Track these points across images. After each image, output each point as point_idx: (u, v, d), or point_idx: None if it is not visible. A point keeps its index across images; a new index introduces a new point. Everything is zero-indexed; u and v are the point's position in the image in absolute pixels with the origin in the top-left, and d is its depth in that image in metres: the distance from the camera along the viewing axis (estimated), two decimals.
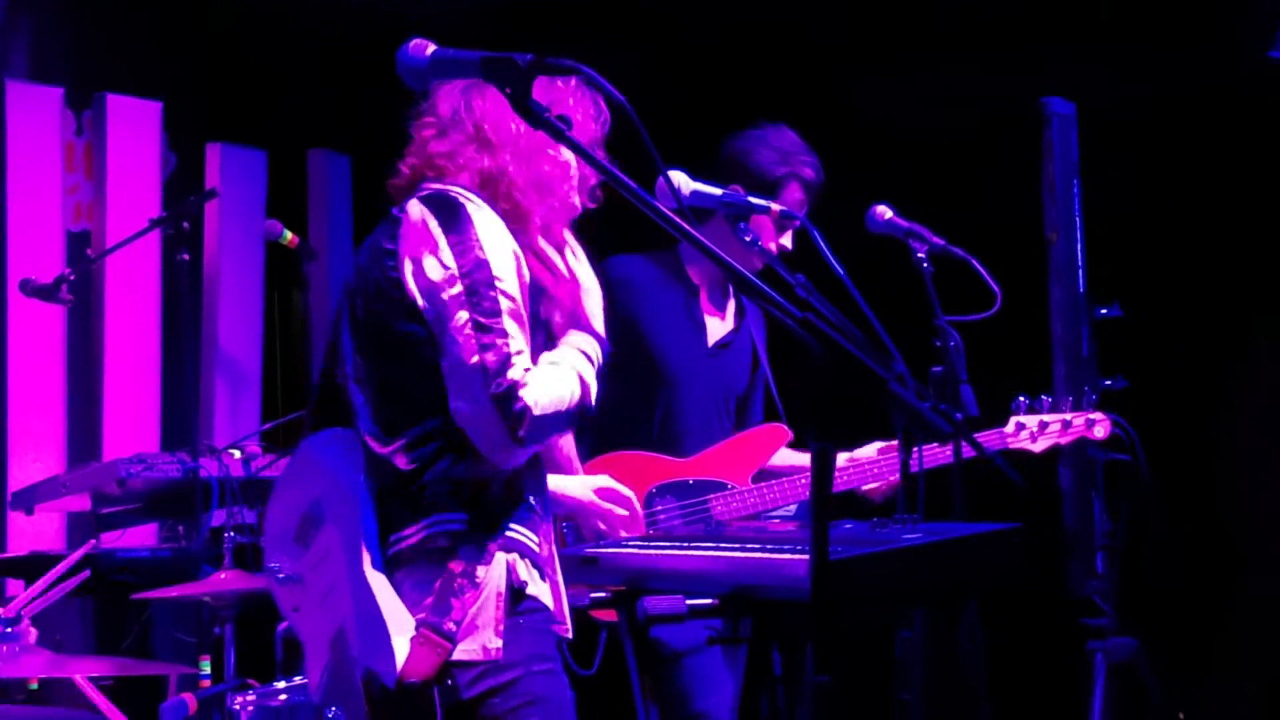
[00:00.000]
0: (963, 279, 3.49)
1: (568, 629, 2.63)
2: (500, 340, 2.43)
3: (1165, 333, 4.71)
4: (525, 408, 2.42)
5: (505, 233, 2.54)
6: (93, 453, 5.57)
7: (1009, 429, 3.53)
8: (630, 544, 2.87)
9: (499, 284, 2.46)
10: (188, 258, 4.62)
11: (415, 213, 2.54)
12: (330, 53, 5.98)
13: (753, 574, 2.58)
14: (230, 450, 4.72)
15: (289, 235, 4.88)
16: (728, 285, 3.75)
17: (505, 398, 2.41)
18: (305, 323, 6.32)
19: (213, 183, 5.94)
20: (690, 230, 2.14)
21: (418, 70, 2.24)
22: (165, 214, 4.77)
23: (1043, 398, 3.50)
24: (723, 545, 2.71)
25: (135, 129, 5.78)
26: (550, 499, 2.65)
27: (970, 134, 4.99)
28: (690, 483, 3.41)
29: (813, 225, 3.31)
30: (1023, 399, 3.51)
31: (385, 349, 2.53)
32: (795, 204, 3.61)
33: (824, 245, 3.18)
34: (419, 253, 2.49)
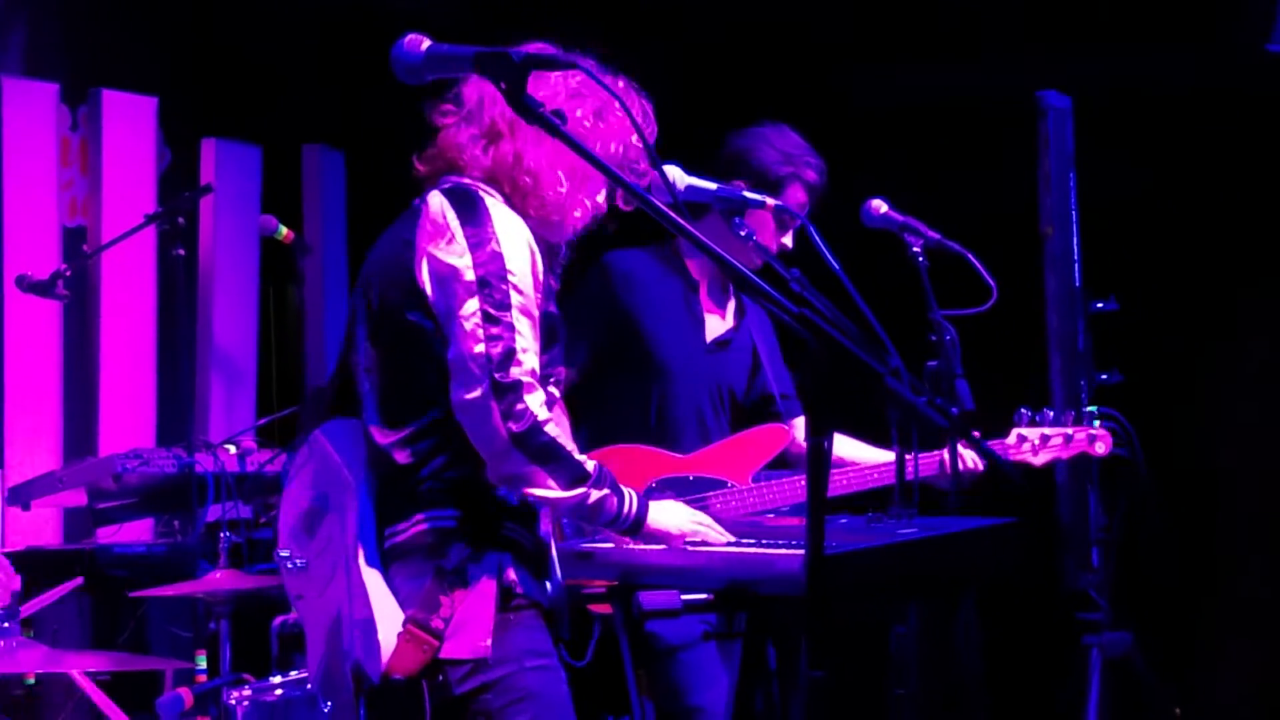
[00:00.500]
0: (958, 273, 3.49)
1: (564, 628, 2.62)
2: (507, 334, 2.42)
3: (1161, 326, 4.71)
4: (527, 410, 2.41)
5: (523, 228, 2.53)
6: (89, 448, 5.57)
7: (1010, 440, 3.52)
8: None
9: (512, 278, 2.46)
10: (183, 253, 4.61)
11: (435, 204, 2.54)
12: (325, 49, 5.98)
13: (748, 569, 2.59)
14: (226, 445, 4.72)
15: (284, 230, 4.87)
16: (729, 283, 3.74)
17: (505, 390, 2.40)
18: (300, 318, 6.33)
19: (208, 178, 5.94)
20: (686, 225, 2.14)
21: (413, 66, 2.23)
22: (161, 209, 4.77)
23: (1045, 410, 3.49)
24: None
25: (131, 124, 5.77)
26: (649, 533, 2.59)
27: (966, 128, 4.99)
28: (690, 479, 3.41)
29: (808, 220, 3.31)
30: (1025, 411, 3.50)
31: (394, 339, 2.53)
32: (797, 205, 3.60)
33: (819, 240, 3.18)
34: (434, 243, 2.50)
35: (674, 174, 2.86)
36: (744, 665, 3.41)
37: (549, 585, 2.58)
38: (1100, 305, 4.05)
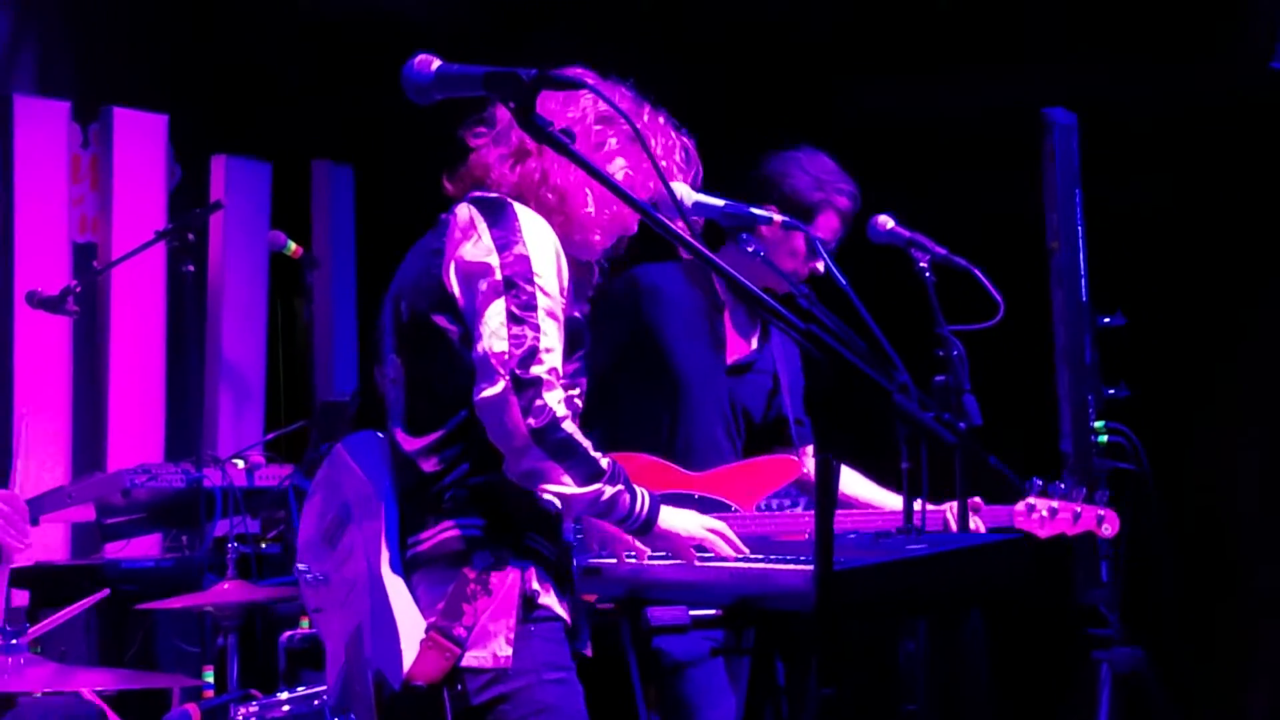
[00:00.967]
0: (965, 288, 3.49)
1: (585, 645, 2.61)
2: (532, 333, 2.43)
3: (1168, 341, 4.71)
4: (546, 406, 2.41)
5: (550, 233, 2.54)
6: (98, 463, 5.58)
7: (1020, 508, 3.50)
8: (632, 554, 2.87)
9: (538, 280, 2.47)
10: (193, 269, 4.63)
11: (463, 213, 2.56)
12: (334, 65, 6.00)
13: (756, 585, 2.59)
14: (234, 460, 4.73)
15: (293, 246, 4.89)
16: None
17: (525, 385, 2.40)
18: (309, 333, 6.34)
19: (217, 194, 5.95)
20: (696, 244, 2.15)
21: (422, 86, 2.25)
22: (170, 226, 4.79)
23: (1057, 483, 3.47)
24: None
25: (141, 142, 5.80)
26: (657, 534, 2.59)
27: (973, 143, 5.00)
28: (695, 497, 3.41)
29: (817, 238, 3.32)
30: (1038, 480, 3.49)
31: (421, 345, 2.55)
32: (830, 231, 3.60)
33: (826, 255, 3.19)
34: (462, 245, 2.52)
35: (681, 190, 2.87)
36: (752, 681, 3.41)
37: (570, 598, 2.58)
38: (1107, 320, 4.05)
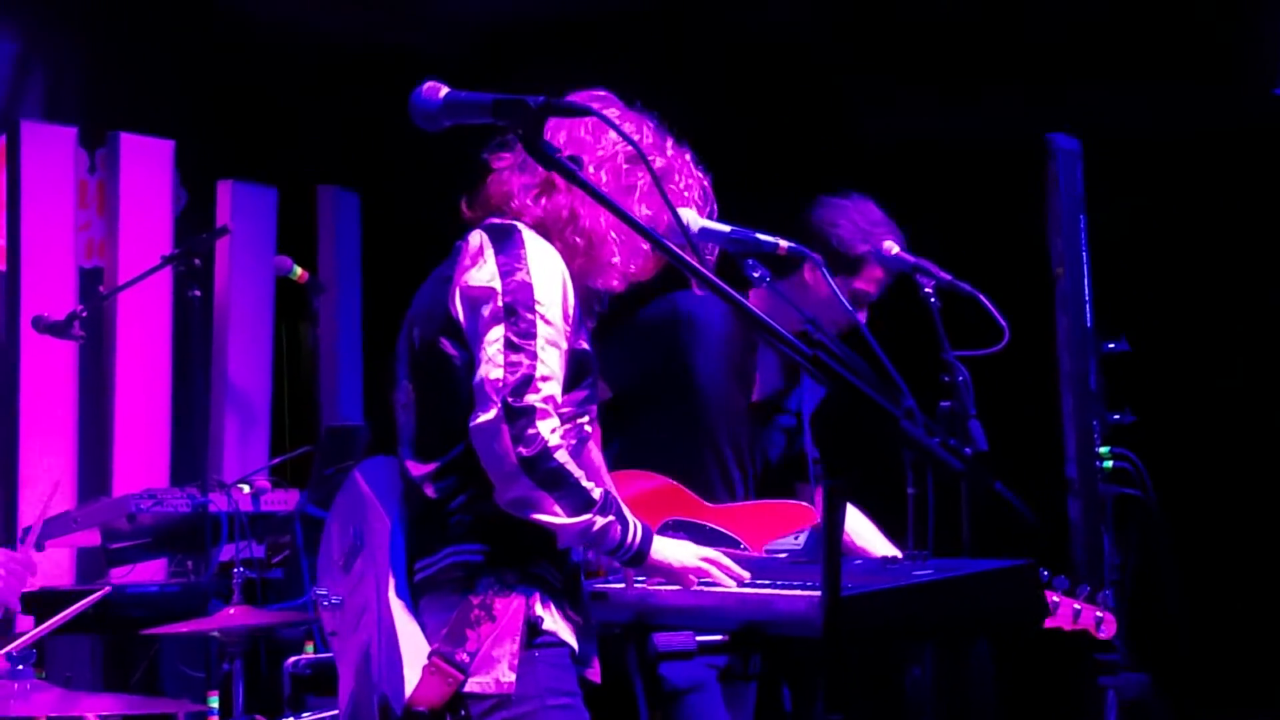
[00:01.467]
0: (970, 314, 3.49)
1: (593, 670, 2.60)
2: (528, 361, 2.43)
3: (1173, 366, 4.71)
4: (538, 435, 2.40)
5: (557, 260, 2.54)
6: (103, 488, 5.58)
7: None
8: (638, 580, 2.87)
9: (539, 308, 2.47)
10: (199, 294, 4.64)
11: (474, 239, 2.57)
12: (340, 91, 6.03)
13: (763, 610, 2.59)
14: (239, 485, 4.73)
15: (299, 271, 4.90)
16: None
17: (517, 414, 2.40)
18: (315, 358, 6.35)
19: (224, 219, 5.97)
20: (704, 271, 2.14)
21: (430, 113, 2.25)
22: (177, 251, 4.80)
23: (1061, 577, 3.48)
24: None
25: (147, 167, 5.82)
26: (653, 565, 2.57)
27: (977, 169, 5.01)
28: (706, 529, 3.40)
29: (821, 259, 3.33)
30: (1044, 571, 3.49)
31: (429, 371, 2.55)
32: (874, 283, 3.60)
33: (831, 282, 3.19)
34: (469, 271, 2.52)
35: (688, 216, 2.87)
36: (759, 707, 3.40)
37: (578, 624, 2.57)
38: (1112, 346, 4.06)
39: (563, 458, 2.43)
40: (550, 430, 2.42)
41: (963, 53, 5.11)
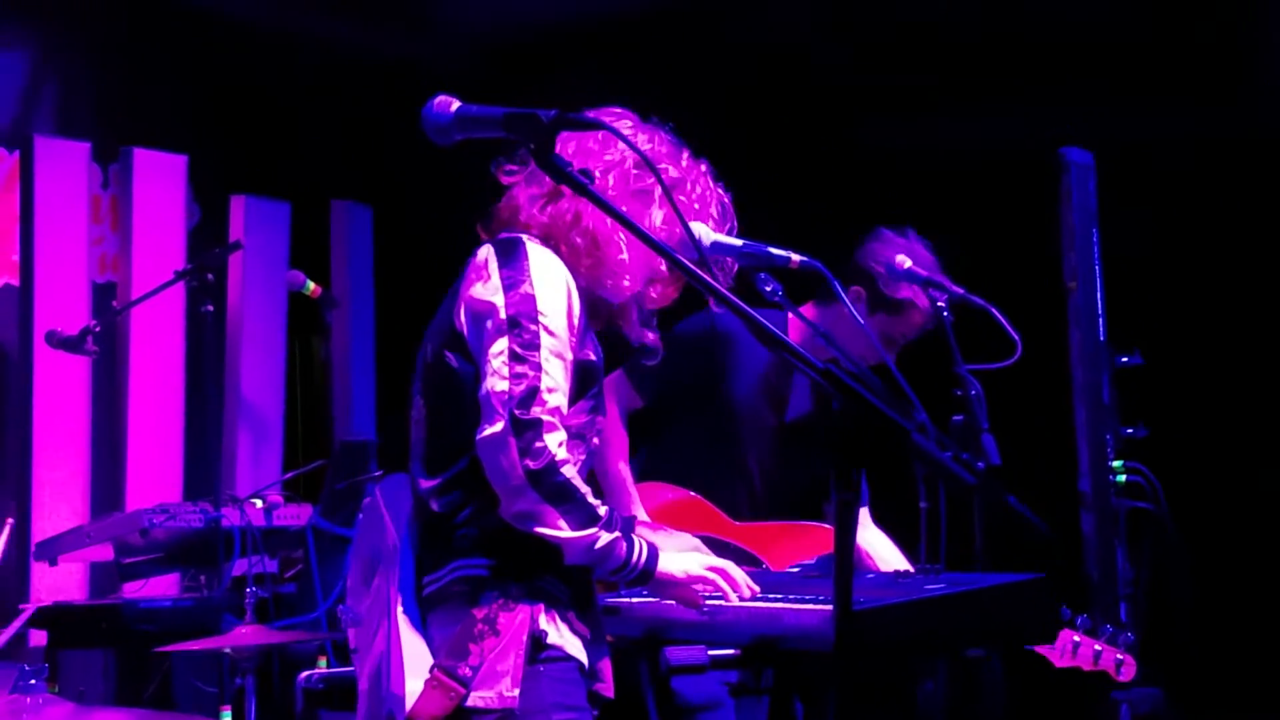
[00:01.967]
0: (983, 328, 3.49)
1: (605, 685, 2.58)
2: (533, 372, 2.42)
3: (1186, 380, 4.70)
4: (545, 448, 2.40)
5: (562, 271, 2.54)
6: (116, 503, 5.59)
7: None
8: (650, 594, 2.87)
9: (543, 319, 2.47)
10: (212, 309, 4.65)
11: (481, 254, 2.57)
12: (352, 106, 6.05)
13: (774, 624, 2.58)
14: (252, 499, 4.74)
15: (312, 285, 4.91)
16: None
17: (524, 426, 2.39)
18: (327, 372, 6.36)
19: (237, 234, 5.99)
20: (715, 285, 2.14)
21: (442, 127, 2.26)
22: (190, 266, 4.82)
23: (1085, 616, 3.46)
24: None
25: (161, 182, 5.84)
26: (659, 581, 2.56)
27: (990, 183, 5.01)
28: (729, 546, 3.40)
29: (833, 276, 3.33)
30: (1065, 610, 3.47)
31: (437, 387, 2.56)
32: (914, 327, 3.60)
33: (844, 295, 3.19)
34: (474, 285, 2.53)
35: (700, 230, 2.88)
36: None
37: (588, 639, 2.56)
38: (1125, 359, 4.05)
39: (569, 472, 2.43)
40: (557, 444, 2.42)
41: (976, 65, 5.11)
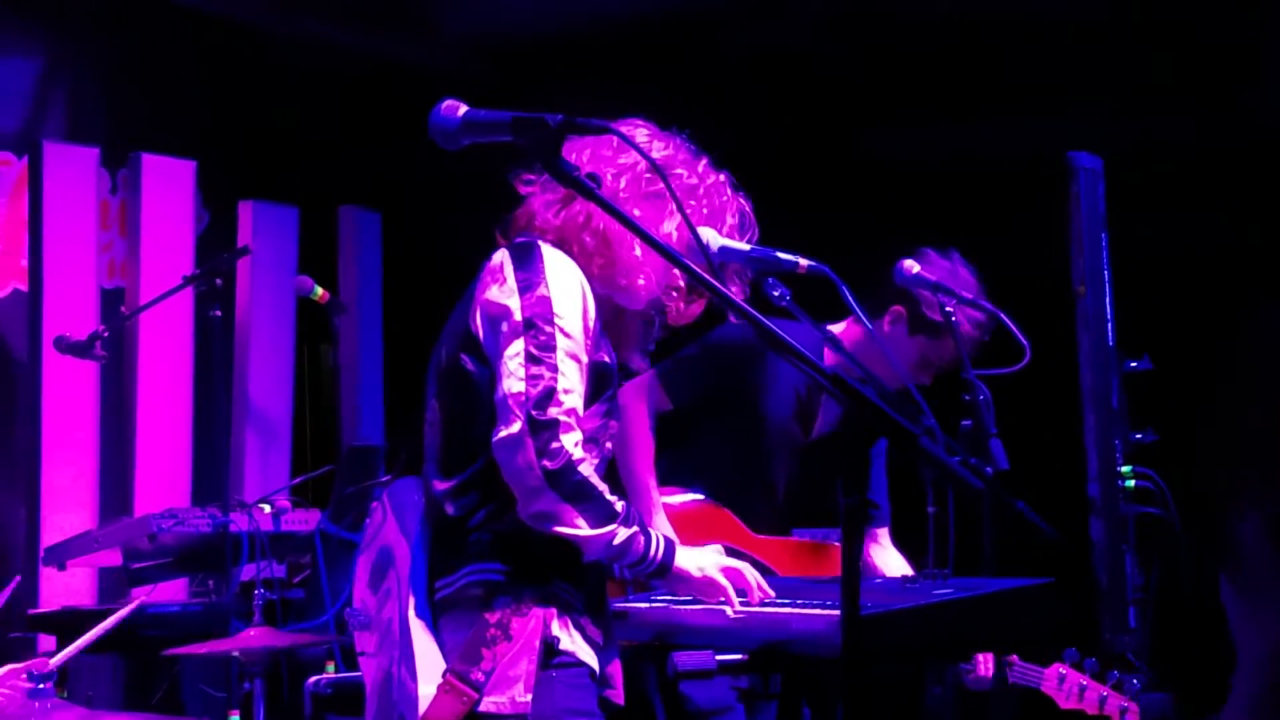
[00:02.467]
0: (992, 333, 3.49)
1: (616, 691, 2.58)
2: (549, 374, 2.43)
3: (1196, 385, 4.69)
4: (562, 448, 2.41)
5: (577, 274, 2.54)
6: (124, 508, 5.59)
7: (1050, 673, 3.45)
8: (659, 598, 2.87)
9: (558, 321, 2.47)
10: (220, 314, 4.65)
11: (496, 258, 2.58)
12: (361, 111, 6.05)
13: (782, 629, 2.58)
14: (260, 505, 4.74)
15: (320, 291, 4.91)
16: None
17: (541, 427, 2.40)
18: (335, 377, 6.36)
19: (245, 240, 6.00)
20: (724, 290, 2.15)
21: (449, 131, 2.26)
22: (198, 271, 4.82)
23: (1093, 659, 3.45)
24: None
25: (169, 187, 5.85)
26: (676, 576, 2.55)
27: (998, 188, 5.01)
28: (745, 556, 3.39)
29: (840, 279, 3.33)
30: (1073, 650, 3.46)
31: (452, 389, 2.56)
32: (947, 351, 3.58)
33: (852, 300, 3.19)
34: (489, 288, 2.53)
35: (708, 235, 2.87)
36: None
37: (598, 644, 2.55)
38: (1134, 364, 4.04)
39: (586, 470, 2.43)
40: (574, 443, 2.43)
41: (987, 70, 5.10)
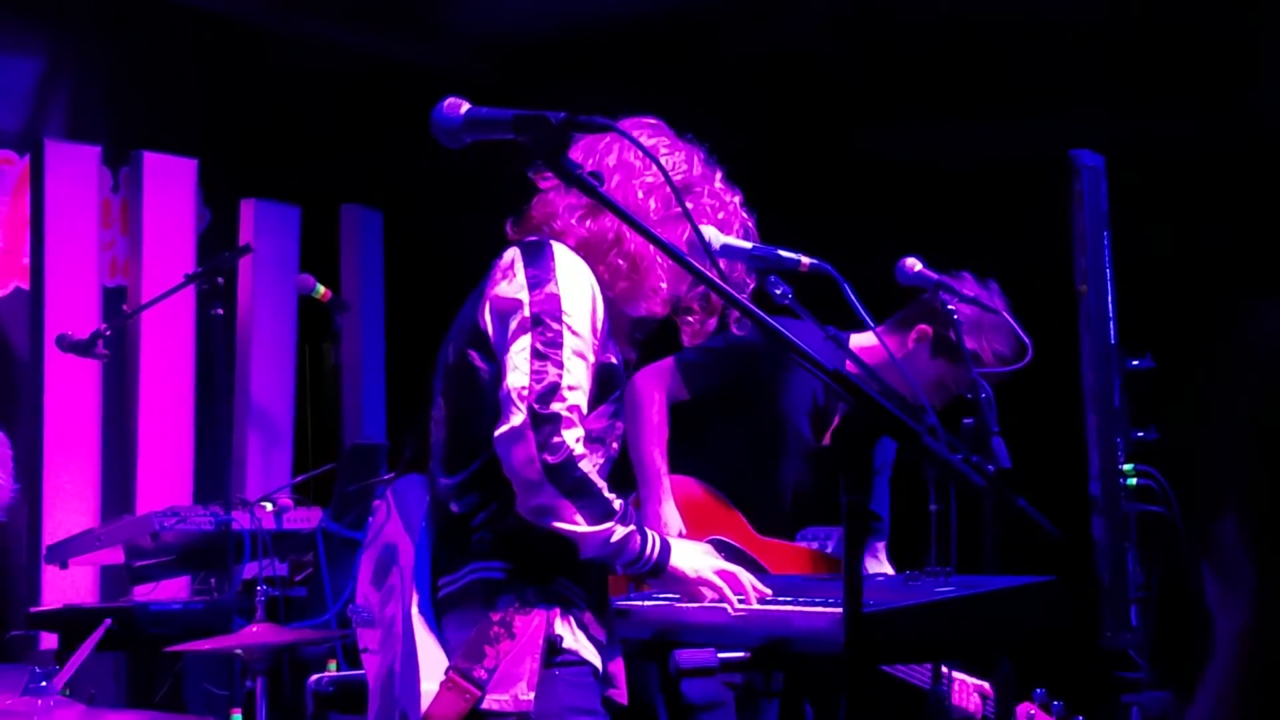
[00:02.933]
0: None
1: (619, 691, 2.58)
2: (554, 369, 2.42)
3: (1199, 384, 4.69)
4: (564, 444, 2.40)
5: (587, 274, 2.54)
6: (127, 506, 5.60)
7: (1018, 707, 3.45)
8: (661, 596, 2.87)
9: (567, 318, 2.47)
10: (222, 312, 4.66)
11: (507, 255, 2.58)
12: (363, 110, 6.05)
13: (784, 627, 2.58)
14: (262, 503, 4.74)
15: (321, 289, 4.92)
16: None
17: (543, 421, 2.39)
18: (337, 376, 6.36)
19: (247, 238, 6.00)
20: (735, 294, 2.15)
21: (452, 129, 2.25)
22: (200, 269, 4.82)
23: (1059, 703, 3.46)
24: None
25: (171, 186, 5.85)
26: (670, 576, 2.55)
27: (1000, 186, 5.01)
28: (746, 556, 3.39)
29: (842, 277, 3.33)
30: (1041, 690, 3.47)
31: (459, 385, 2.56)
32: (964, 379, 3.56)
33: (854, 298, 3.19)
34: (499, 284, 2.53)
35: (710, 233, 2.87)
36: None
37: (601, 643, 2.55)
38: (1136, 363, 4.04)
39: (586, 467, 2.43)
40: (575, 439, 2.42)
41: (988, 68, 5.10)
